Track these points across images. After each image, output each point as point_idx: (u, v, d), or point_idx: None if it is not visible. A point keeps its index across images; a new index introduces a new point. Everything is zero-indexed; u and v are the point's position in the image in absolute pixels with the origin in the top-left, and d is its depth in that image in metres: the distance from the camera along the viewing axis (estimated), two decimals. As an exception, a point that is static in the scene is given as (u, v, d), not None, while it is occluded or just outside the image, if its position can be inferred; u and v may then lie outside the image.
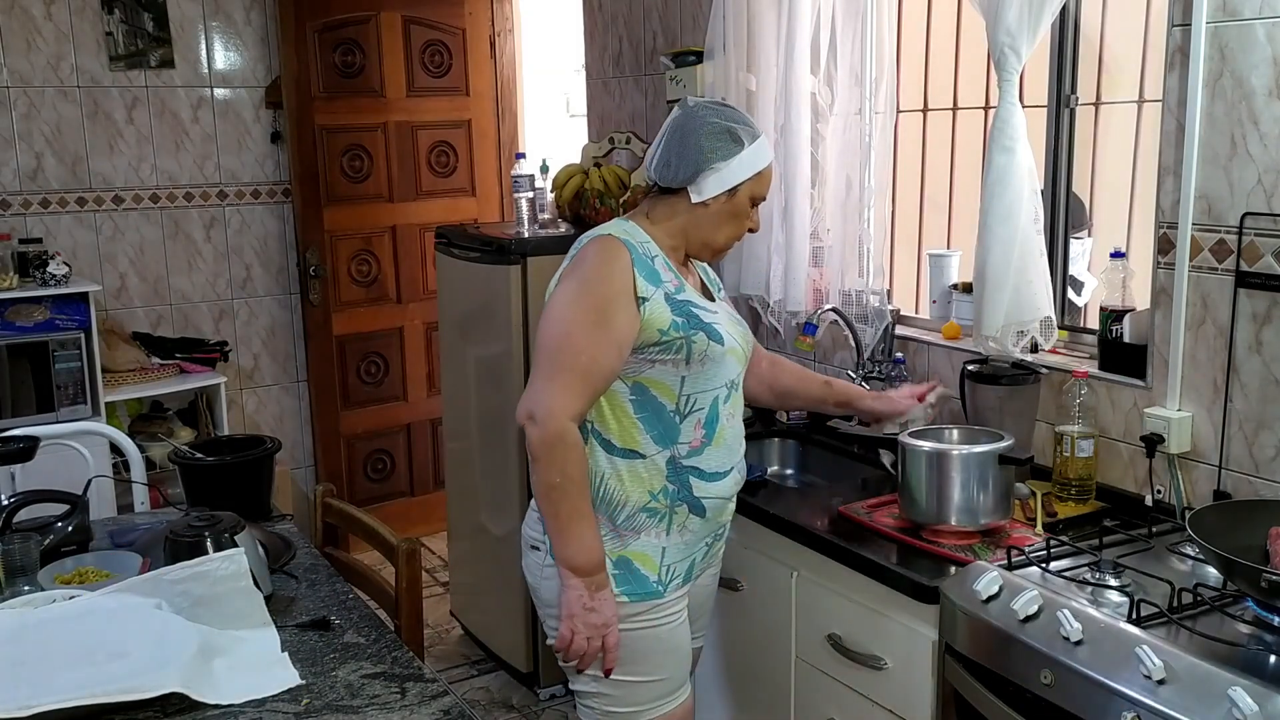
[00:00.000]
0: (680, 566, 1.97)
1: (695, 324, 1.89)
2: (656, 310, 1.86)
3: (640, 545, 1.93)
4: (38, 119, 4.01)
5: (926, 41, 2.91)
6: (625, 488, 1.91)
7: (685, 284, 1.95)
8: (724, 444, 1.97)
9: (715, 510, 1.99)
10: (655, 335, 1.86)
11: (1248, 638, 1.60)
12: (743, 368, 2.01)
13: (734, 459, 2.01)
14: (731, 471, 2.00)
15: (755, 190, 1.97)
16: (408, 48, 4.53)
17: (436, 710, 1.57)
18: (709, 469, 1.95)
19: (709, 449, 1.94)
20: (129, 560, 1.97)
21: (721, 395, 1.95)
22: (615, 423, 1.91)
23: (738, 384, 2.01)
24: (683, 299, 1.91)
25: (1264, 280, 1.95)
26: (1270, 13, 1.91)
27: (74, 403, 3.62)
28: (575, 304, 1.86)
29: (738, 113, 1.98)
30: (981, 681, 1.80)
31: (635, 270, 1.86)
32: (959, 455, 2.06)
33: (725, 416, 1.96)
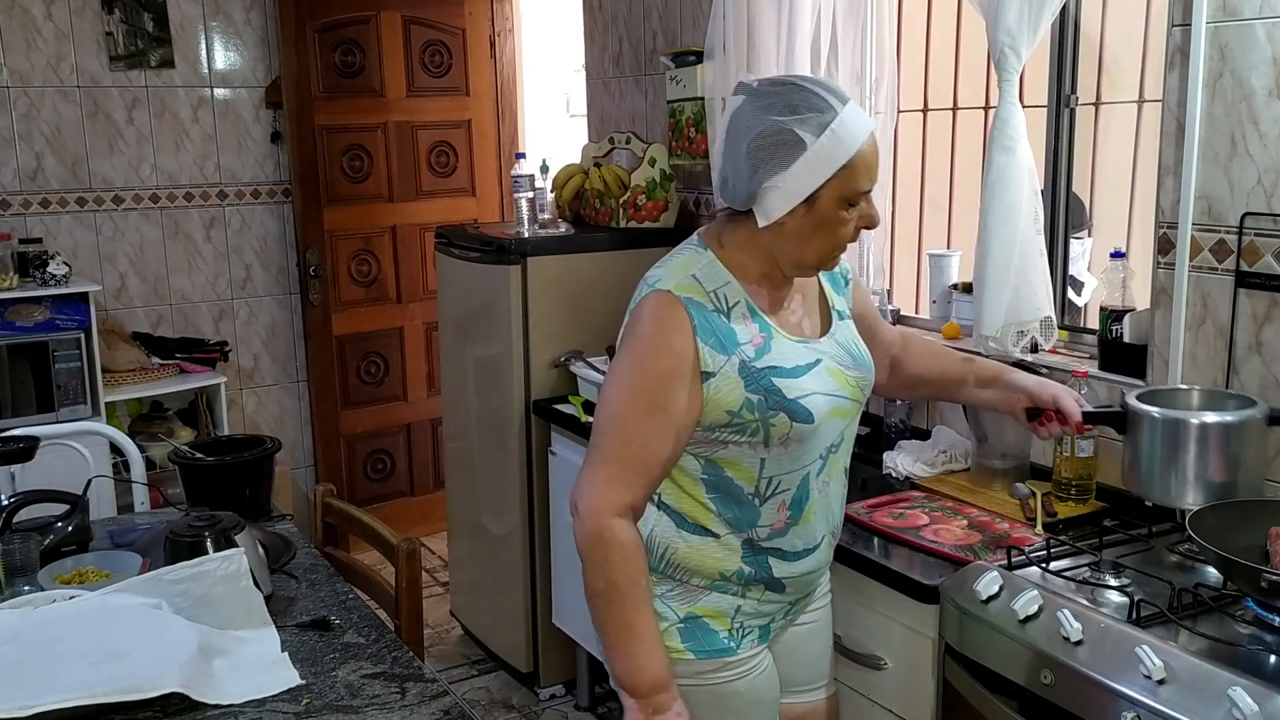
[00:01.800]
0: (752, 624, 1.73)
1: (775, 402, 1.57)
2: (724, 388, 1.57)
3: (711, 601, 1.69)
4: (38, 119, 4.01)
5: (926, 41, 2.91)
6: (694, 562, 1.67)
7: (776, 332, 1.62)
8: (814, 519, 1.70)
9: (799, 586, 1.75)
10: (724, 416, 1.58)
11: (1248, 638, 1.60)
12: (852, 419, 1.71)
13: (827, 527, 1.74)
14: (820, 544, 1.73)
15: (843, 190, 1.54)
16: (408, 48, 4.53)
17: (436, 710, 1.57)
18: (793, 549, 1.69)
19: (795, 529, 1.68)
20: (129, 560, 1.97)
21: (814, 470, 1.67)
22: (685, 500, 1.66)
23: (841, 443, 1.70)
24: (764, 365, 1.58)
25: (1264, 280, 1.95)
26: (1270, 13, 1.91)
27: (74, 403, 3.62)
28: (626, 383, 1.59)
29: (803, 94, 1.53)
30: (981, 681, 1.80)
31: (698, 339, 1.56)
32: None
33: (818, 489, 1.68)
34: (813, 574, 1.76)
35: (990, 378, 1.93)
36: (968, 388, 1.96)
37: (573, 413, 3.08)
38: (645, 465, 1.57)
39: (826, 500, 1.72)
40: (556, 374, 3.24)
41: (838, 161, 1.52)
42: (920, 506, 2.25)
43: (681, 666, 1.68)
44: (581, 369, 3.14)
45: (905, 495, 2.33)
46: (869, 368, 1.74)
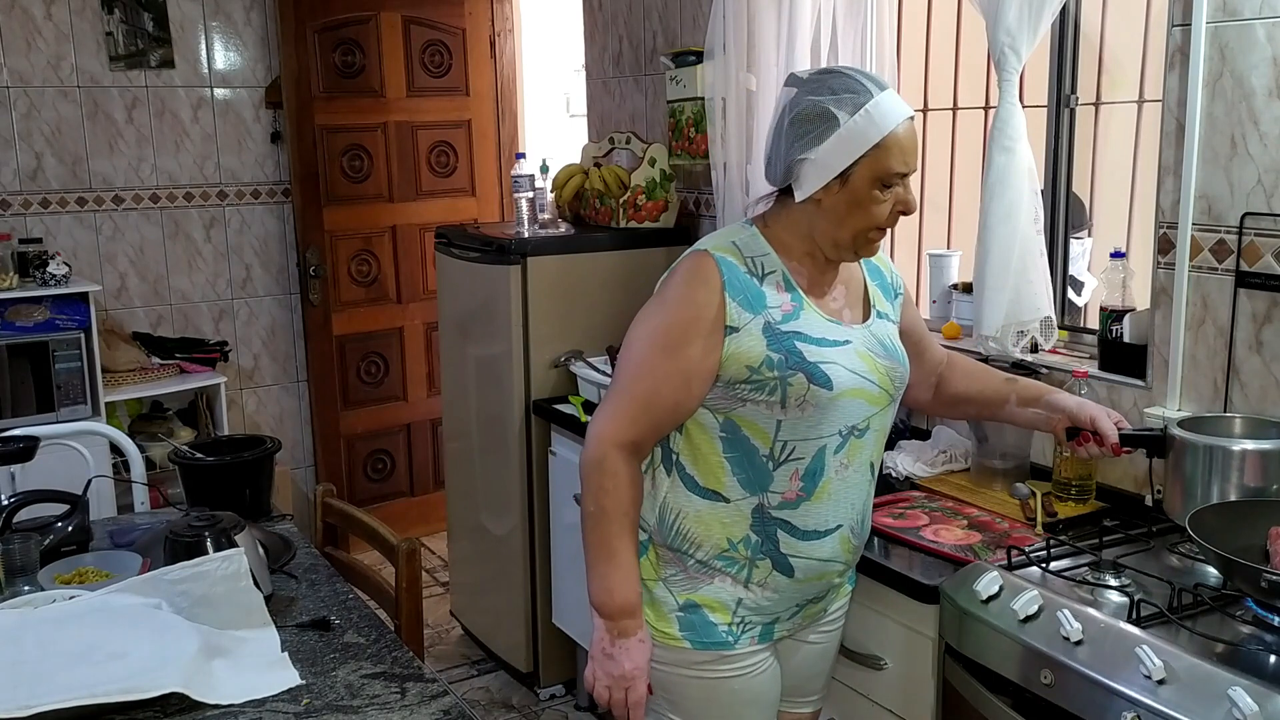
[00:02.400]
0: (755, 620, 1.73)
1: (795, 363, 1.61)
2: (747, 343, 1.61)
3: (712, 590, 1.71)
4: (38, 119, 4.01)
5: (926, 41, 2.91)
6: (702, 530, 1.69)
7: (809, 305, 1.67)
8: (828, 499, 1.69)
9: (808, 573, 1.72)
10: (743, 372, 1.62)
11: (1248, 638, 1.60)
12: (880, 409, 1.72)
13: (842, 516, 1.72)
14: (835, 532, 1.72)
15: (876, 169, 1.59)
16: (408, 48, 4.53)
17: (436, 710, 1.57)
18: (804, 526, 1.69)
19: (806, 504, 1.68)
20: (129, 560, 1.97)
21: (831, 445, 1.67)
22: (701, 459, 1.69)
23: (867, 429, 1.70)
24: (789, 329, 1.63)
25: (1264, 280, 1.95)
26: (1270, 13, 1.91)
27: (74, 403, 3.62)
28: (648, 325, 1.66)
29: (843, 79, 1.61)
30: (981, 681, 1.80)
31: (727, 294, 1.62)
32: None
33: (835, 468, 1.68)
34: (825, 566, 1.73)
35: (1032, 398, 1.95)
36: (1009, 407, 1.98)
37: (573, 413, 3.08)
38: (651, 406, 1.64)
39: (845, 487, 1.71)
40: (556, 374, 3.25)
41: (870, 140, 1.58)
42: (920, 506, 2.25)
43: (678, 655, 1.71)
44: (581, 369, 3.14)
45: (905, 495, 2.33)
46: (902, 362, 1.77)
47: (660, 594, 1.73)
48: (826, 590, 1.81)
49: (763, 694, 1.78)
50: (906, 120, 1.60)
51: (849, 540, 1.76)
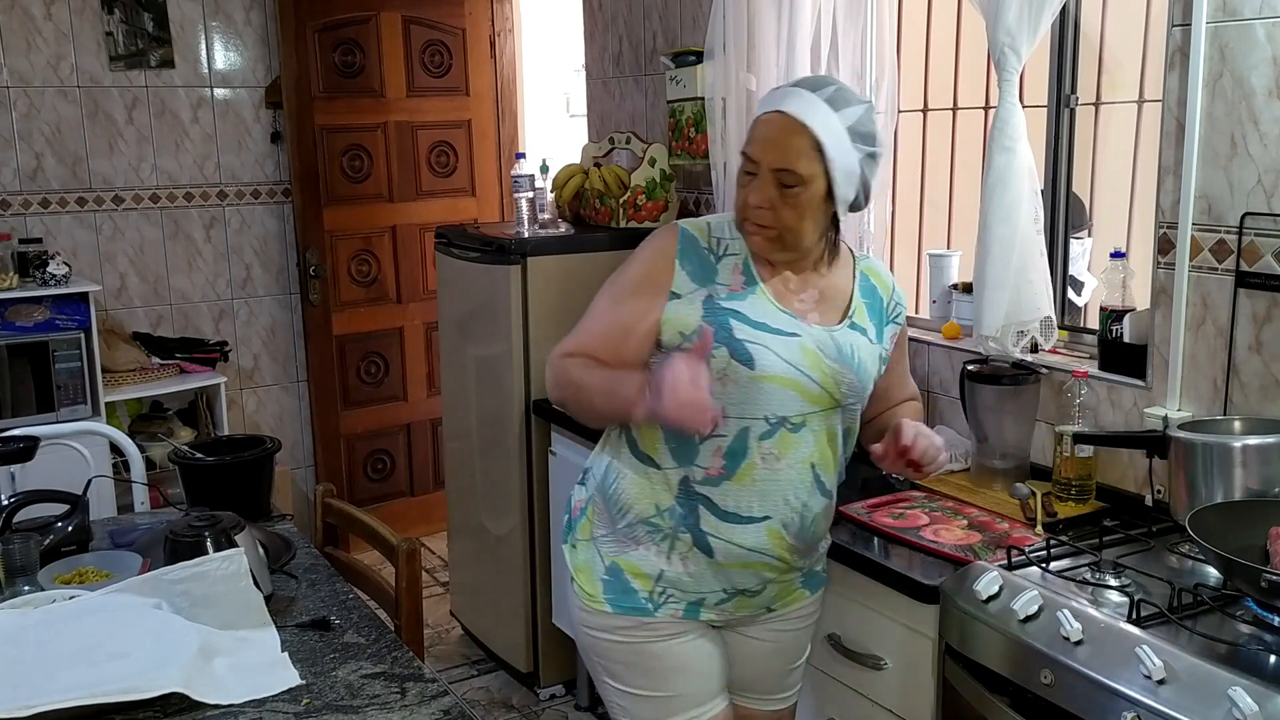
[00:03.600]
0: (680, 596, 1.78)
1: (723, 336, 1.67)
2: (684, 310, 1.70)
3: (636, 557, 1.77)
4: (38, 119, 4.01)
5: (926, 41, 2.91)
6: (634, 493, 1.77)
7: (762, 292, 1.72)
8: (753, 486, 1.71)
9: (729, 557, 1.74)
10: (676, 338, 1.70)
11: (1248, 638, 1.60)
12: (821, 409, 1.72)
13: (772, 509, 1.73)
14: (762, 522, 1.73)
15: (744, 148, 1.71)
16: (408, 48, 4.53)
17: (436, 710, 1.57)
18: (724, 506, 1.72)
19: (728, 484, 1.71)
20: (129, 560, 1.97)
21: (756, 429, 1.70)
22: (642, 429, 1.76)
23: (802, 426, 1.71)
24: (729, 306, 1.69)
25: (1264, 280, 1.95)
26: (1270, 13, 1.91)
27: (74, 403, 3.62)
28: (610, 279, 1.81)
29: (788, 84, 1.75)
30: (981, 681, 1.80)
31: (678, 262, 1.72)
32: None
33: (761, 455, 1.70)
34: (750, 556, 1.74)
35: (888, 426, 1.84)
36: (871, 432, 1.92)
37: (573, 413, 3.07)
38: (591, 346, 1.75)
39: (775, 479, 1.72)
40: (556, 374, 3.24)
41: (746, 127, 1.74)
42: (920, 506, 2.25)
43: (603, 619, 1.79)
44: (581, 369, 3.14)
45: (905, 495, 2.33)
46: (857, 373, 1.76)
47: (589, 556, 1.82)
48: (762, 584, 1.81)
49: (691, 663, 1.82)
50: (773, 111, 1.67)
51: (781, 537, 1.75)
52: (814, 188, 1.66)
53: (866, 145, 1.68)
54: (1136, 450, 2.13)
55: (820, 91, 1.66)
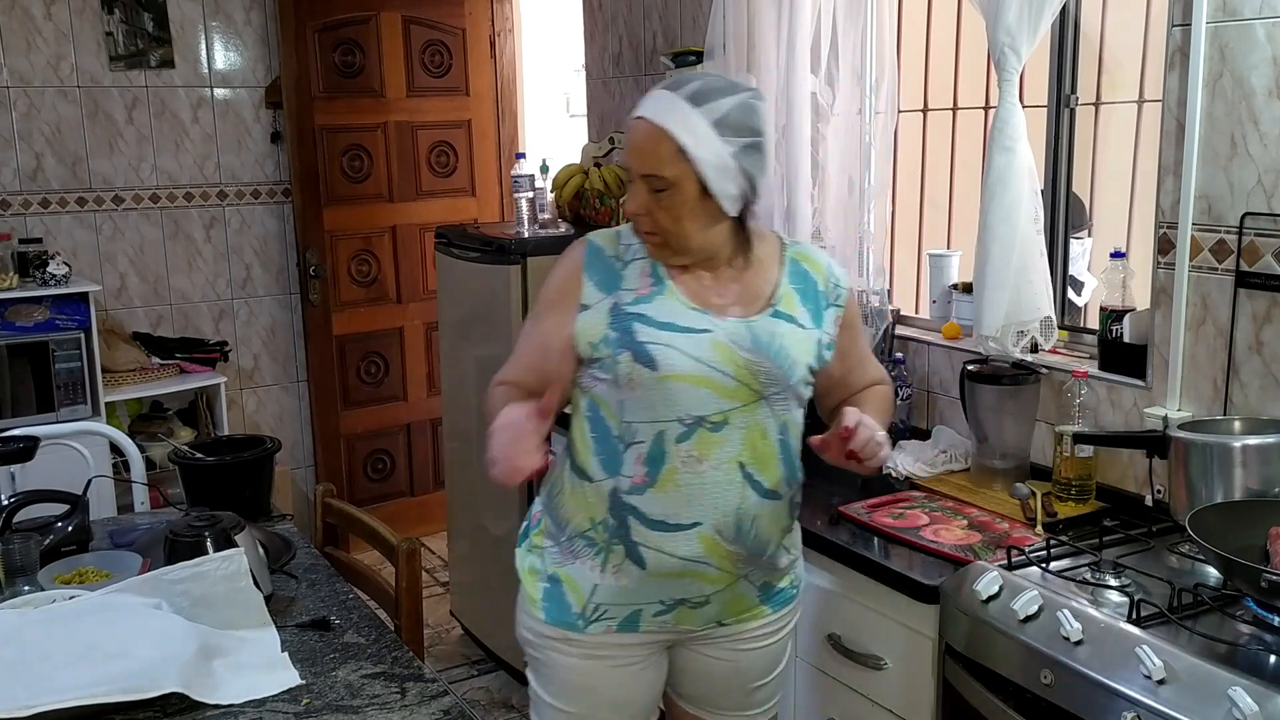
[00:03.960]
0: (615, 611, 1.74)
1: (626, 341, 1.65)
2: (591, 321, 1.69)
3: (574, 570, 1.75)
4: (38, 119, 4.01)
5: (926, 41, 2.91)
6: (572, 506, 1.75)
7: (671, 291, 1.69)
8: (677, 491, 1.66)
9: (662, 567, 1.69)
10: (588, 349, 1.69)
11: (1248, 638, 1.60)
12: (740, 404, 1.67)
13: (702, 515, 1.67)
14: (692, 529, 1.67)
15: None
16: (408, 48, 4.53)
17: (436, 710, 1.57)
18: (653, 515, 1.67)
19: (652, 491, 1.67)
20: (129, 560, 1.97)
21: (672, 432, 1.65)
22: (578, 437, 1.75)
23: (724, 424, 1.66)
24: (635, 311, 1.67)
25: (1264, 280, 1.95)
26: (1270, 13, 1.91)
27: (74, 403, 3.62)
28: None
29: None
30: (981, 681, 1.80)
31: (585, 275, 1.72)
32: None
33: (680, 458, 1.65)
34: (686, 565, 1.68)
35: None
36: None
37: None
38: (519, 365, 1.80)
39: (701, 482, 1.66)
40: (556, 374, 3.24)
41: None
42: (920, 506, 2.25)
43: (535, 624, 1.80)
44: (581, 369, 3.14)
45: (905, 495, 2.33)
46: (776, 361, 1.68)
47: (536, 561, 1.81)
48: (705, 596, 1.73)
49: (606, 688, 1.78)
50: (636, 118, 1.64)
51: (717, 544, 1.69)
52: (685, 189, 1.61)
53: (741, 136, 1.61)
54: (1136, 450, 2.12)
55: (682, 90, 1.61)
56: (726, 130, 1.59)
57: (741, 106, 1.62)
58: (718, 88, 1.62)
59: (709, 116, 1.59)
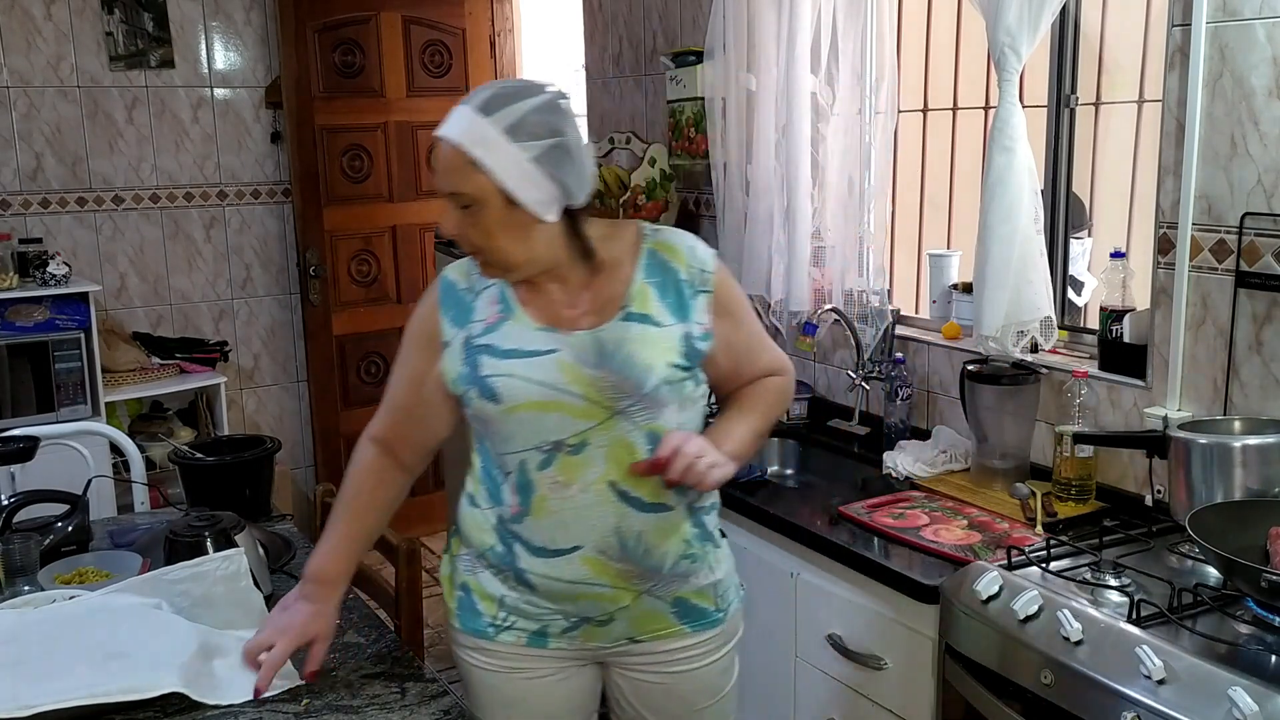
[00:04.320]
0: (523, 624, 1.69)
1: (473, 377, 1.61)
2: (450, 359, 1.65)
3: (485, 579, 1.71)
4: (38, 119, 4.01)
5: (926, 41, 2.91)
6: (470, 531, 1.74)
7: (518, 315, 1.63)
8: (550, 518, 1.62)
9: (552, 592, 1.66)
10: (453, 385, 1.65)
11: (1248, 638, 1.60)
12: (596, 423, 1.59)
13: (581, 538, 1.62)
14: (574, 553, 1.62)
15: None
16: (408, 48, 4.53)
17: (436, 710, 1.57)
18: (535, 542, 1.63)
19: (529, 519, 1.63)
20: (129, 560, 1.97)
21: (533, 460, 1.61)
22: (474, 467, 1.75)
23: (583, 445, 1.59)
24: (483, 343, 1.63)
25: (1264, 280, 1.95)
26: (1270, 13, 1.91)
27: (74, 403, 3.62)
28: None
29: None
30: (981, 681, 1.80)
31: (441, 312, 1.67)
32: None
33: (547, 485, 1.61)
34: (576, 589, 1.64)
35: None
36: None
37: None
38: (393, 408, 1.74)
39: (573, 507, 1.60)
40: (556, 374, 3.24)
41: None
42: (920, 506, 2.25)
43: (453, 632, 1.78)
44: (581, 369, 3.14)
45: (905, 495, 2.33)
46: (624, 371, 1.59)
47: (451, 569, 1.79)
48: (607, 614, 1.67)
49: (530, 699, 1.73)
50: (434, 138, 1.56)
51: (603, 565, 1.63)
52: (489, 202, 1.53)
53: (540, 139, 1.51)
54: (1136, 450, 2.13)
55: (473, 100, 1.53)
56: (522, 135, 1.50)
57: (539, 108, 1.52)
58: (510, 92, 1.53)
59: (500, 124, 1.50)
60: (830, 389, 3.00)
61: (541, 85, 1.56)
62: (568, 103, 1.56)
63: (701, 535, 1.71)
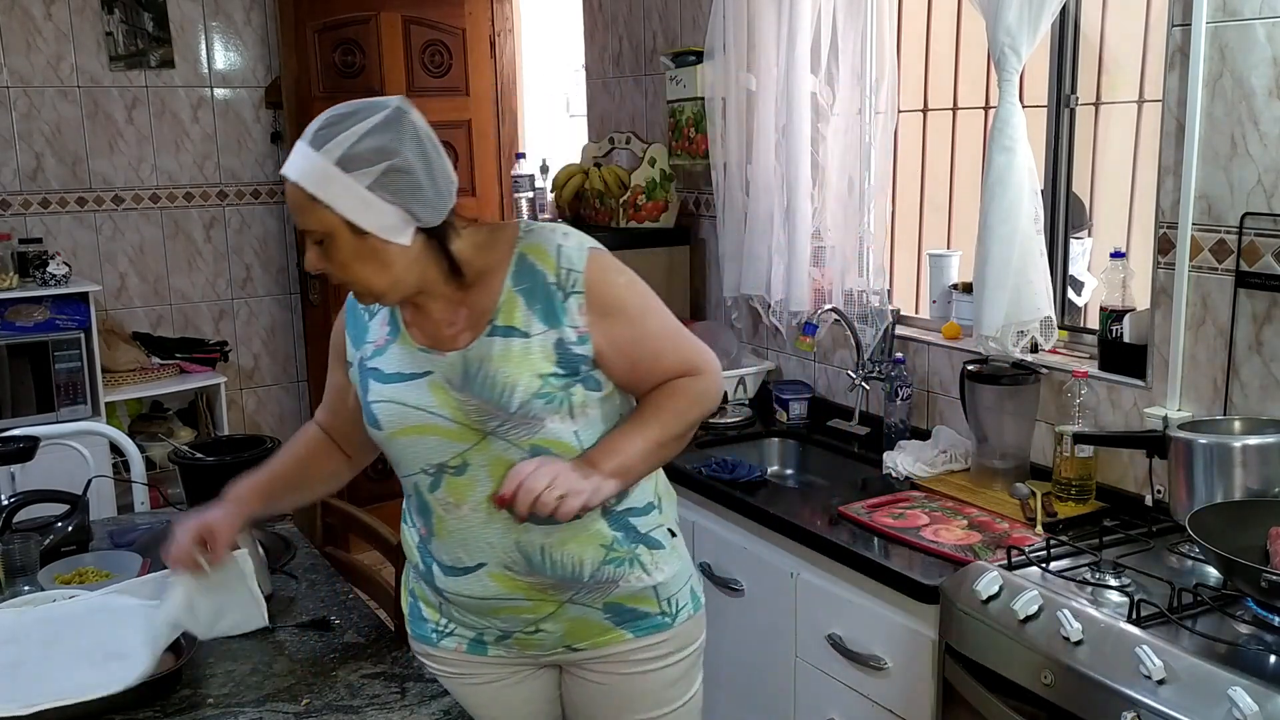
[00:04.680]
0: (462, 631, 1.70)
1: (364, 403, 1.63)
2: (352, 379, 1.68)
3: (425, 588, 1.72)
4: (38, 119, 4.01)
5: (926, 41, 2.91)
6: (406, 548, 1.75)
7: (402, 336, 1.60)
8: (450, 538, 1.62)
9: (468, 608, 1.66)
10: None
11: (1248, 638, 1.60)
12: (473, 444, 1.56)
13: (483, 556, 1.60)
14: (479, 570, 1.61)
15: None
16: (408, 48, 4.53)
17: (436, 710, 1.57)
18: (445, 562, 1.64)
19: (435, 540, 1.64)
20: (129, 560, 1.97)
21: (423, 483, 1.61)
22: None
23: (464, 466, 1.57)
24: (372, 366, 1.62)
25: (1264, 280, 1.95)
26: (1270, 13, 1.91)
27: (74, 403, 3.62)
28: None
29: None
30: (981, 681, 1.80)
31: (346, 331, 1.69)
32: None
33: (441, 507, 1.61)
34: (488, 604, 1.63)
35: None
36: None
37: (573, 413, 3.07)
38: (325, 404, 1.82)
39: (467, 526, 1.59)
40: (556, 374, 3.24)
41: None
42: (920, 506, 2.25)
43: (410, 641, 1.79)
44: (581, 369, 3.14)
45: (905, 495, 2.33)
46: (483, 395, 1.54)
47: (404, 577, 1.82)
48: (533, 625, 1.65)
49: (479, 704, 1.71)
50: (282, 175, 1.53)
51: (511, 579, 1.61)
52: (338, 235, 1.48)
53: (373, 165, 1.45)
54: (1136, 450, 2.13)
55: (307, 134, 1.50)
56: (353, 165, 1.45)
57: (370, 133, 1.46)
58: (338, 120, 1.48)
59: (331, 157, 1.45)
60: (830, 389, 3.00)
61: (375, 106, 1.49)
62: (408, 117, 1.49)
63: (629, 538, 1.64)
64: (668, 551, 1.69)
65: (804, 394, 2.96)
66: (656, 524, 1.68)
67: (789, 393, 2.95)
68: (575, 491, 1.49)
